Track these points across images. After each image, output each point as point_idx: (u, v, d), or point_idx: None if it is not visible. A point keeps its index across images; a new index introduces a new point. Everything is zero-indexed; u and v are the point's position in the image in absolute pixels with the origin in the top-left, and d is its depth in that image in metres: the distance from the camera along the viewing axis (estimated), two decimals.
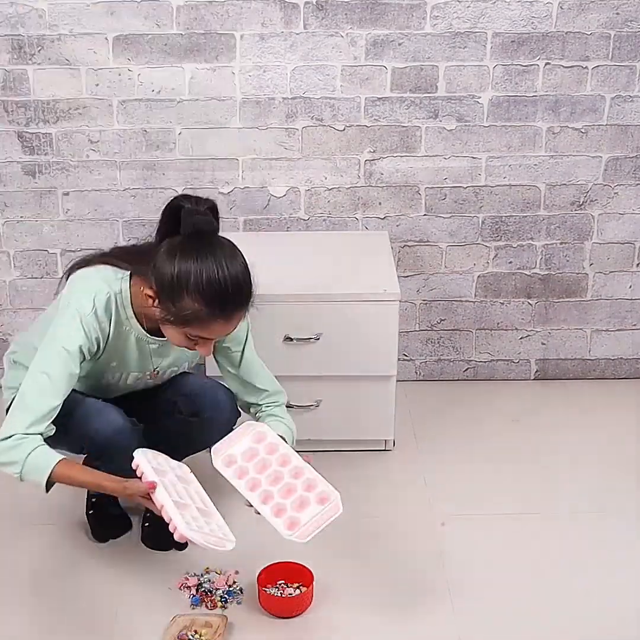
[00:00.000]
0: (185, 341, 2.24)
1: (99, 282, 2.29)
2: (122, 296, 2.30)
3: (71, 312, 2.27)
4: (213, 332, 2.21)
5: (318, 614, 2.36)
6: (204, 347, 2.25)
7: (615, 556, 2.56)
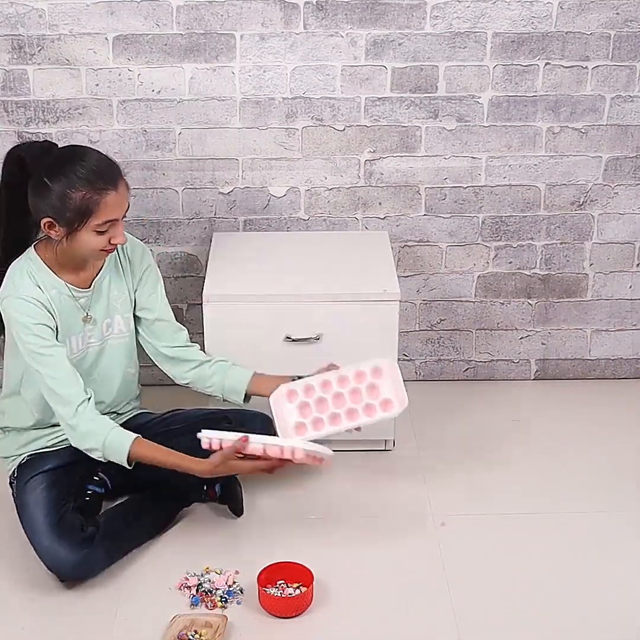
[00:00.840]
0: (100, 239, 2.37)
1: (10, 272, 2.43)
2: (35, 263, 2.44)
3: (5, 307, 2.40)
4: (112, 208, 2.35)
5: (318, 614, 2.36)
6: (117, 236, 2.39)
7: (616, 556, 2.56)
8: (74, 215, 2.33)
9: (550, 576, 2.49)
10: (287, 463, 2.38)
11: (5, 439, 2.63)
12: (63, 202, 2.32)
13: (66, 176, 2.32)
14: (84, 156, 2.37)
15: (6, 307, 2.40)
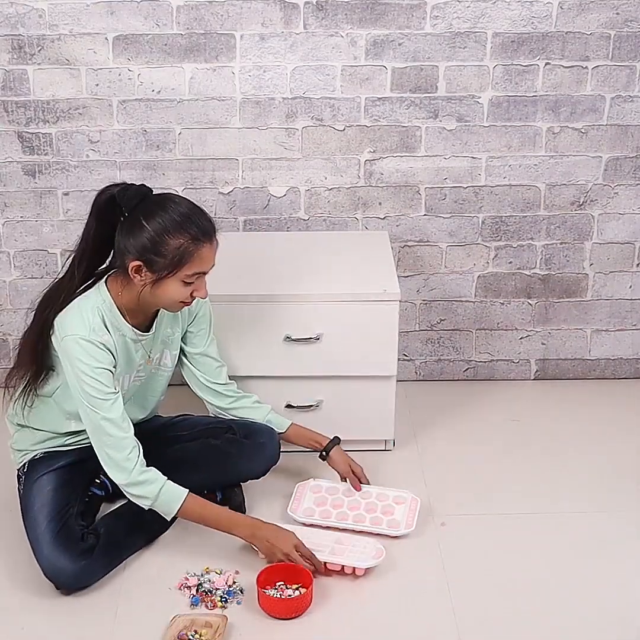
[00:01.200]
0: (184, 290, 2.35)
1: (80, 310, 2.35)
2: (107, 304, 2.38)
3: (71, 348, 2.33)
4: (204, 261, 2.34)
5: (317, 615, 2.36)
6: (201, 289, 2.38)
7: (616, 556, 2.56)
8: (167, 263, 2.29)
9: (550, 576, 2.49)
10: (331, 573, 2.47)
11: (21, 432, 2.60)
12: (157, 246, 2.27)
13: (164, 219, 2.27)
14: (183, 203, 2.33)
15: (72, 346, 2.32)
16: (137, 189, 2.34)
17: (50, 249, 3.21)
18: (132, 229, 2.29)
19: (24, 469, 2.57)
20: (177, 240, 2.28)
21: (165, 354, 2.59)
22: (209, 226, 2.34)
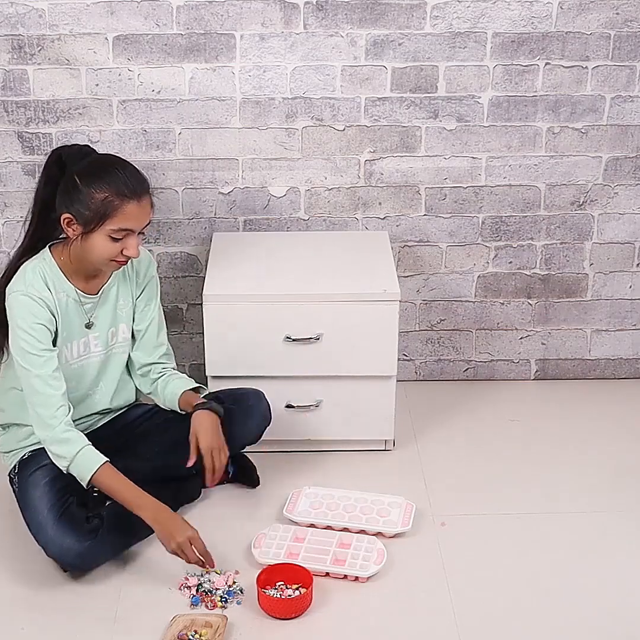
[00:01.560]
0: (112, 246, 2.40)
1: (21, 272, 2.44)
2: (48, 263, 2.46)
3: (10, 303, 2.41)
4: (130, 217, 2.38)
5: (317, 615, 2.36)
6: (131, 248, 2.41)
7: (616, 556, 2.56)
8: (92, 215, 2.36)
9: (550, 576, 2.49)
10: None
11: (5, 434, 2.63)
12: (85, 200, 2.36)
13: (95, 178, 2.36)
14: (118, 165, 2.42)
15: (12, 302, 2.41)
16: (79, 148, 2.47)
17: None
18: (67, 185, 2.39)
19: (15, 470, 2.59)
20: (102, 193, 2.35)
21: (120, 327, 2.61)
22: (138, 184, 2.40)
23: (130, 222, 2.39)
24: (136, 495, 2.42)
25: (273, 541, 2.54)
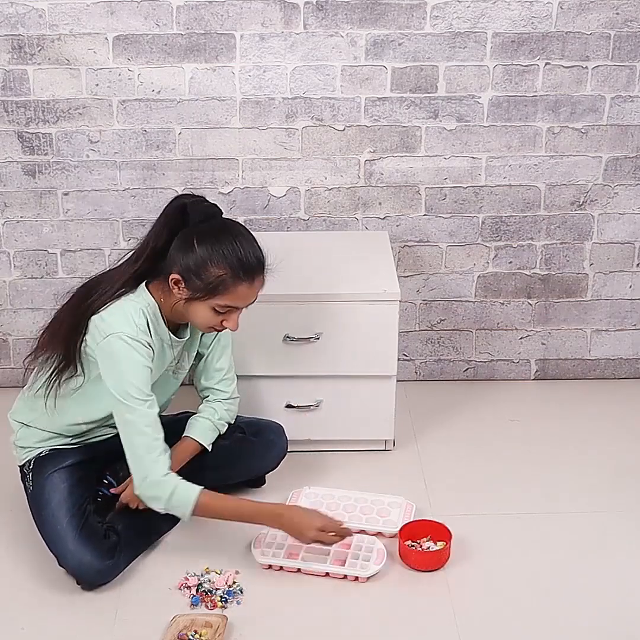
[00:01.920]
0: (214, 317, 2.38)
1: (126, 310, 2.36)
2: (152, 308, 2.41)
3: (117, 346, 2.33)
4: (239, 297, 2.37)
5: (317, 614, 2.36)
6: (231, 321, 2.41)
7: (616, 556, 2.56)
8: (203, 286, 2.32)
9: (550, 576, 2.49)
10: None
11: (25, 430, 2.58)
12: (198, 269, 2.31)
13: (214, 248, 2.31)
14: (239, 237, 2.34)
15: (117, 344, 2.33)
16: (206, 206, 2.38)
17: (50, 249, 3.21)
18: (184, 245, 2.33)
19: (29, 465, 2.56)
20: (217, 270, 2.31)
21: (185, 355, 2.60)
22: (254, 266, 2.35)
23: (238, 302, 2.37)
24: (248, 506, 2.44)
25: (273, 541, 2.54)
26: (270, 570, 2.49)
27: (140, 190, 3.14)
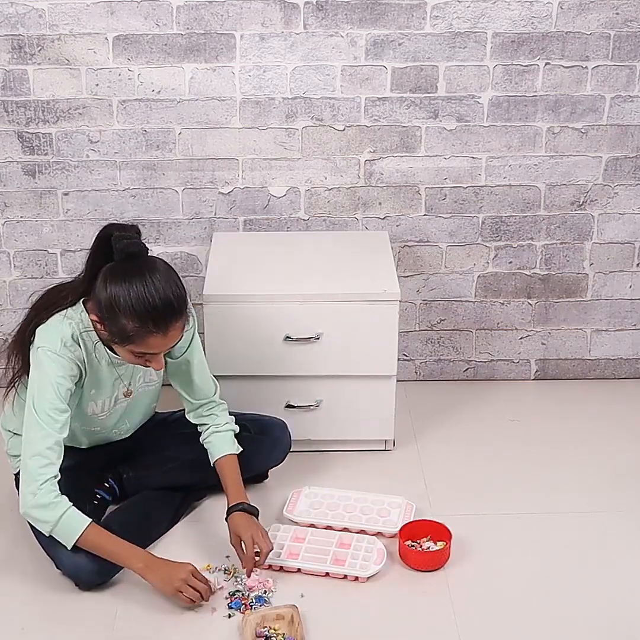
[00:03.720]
0: (135, 359, 2.35)
1: (57, 325, 2.36)
2: (84, 325, 2.39)
3: (41, 359, 2.34)
4: (154, 347, 2.31)
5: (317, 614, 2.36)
6: (155, 362, 2.36)
7: (616, 556, 2.56)
8: (117, 333, 2.28)
9: (550, 576, 2.49)
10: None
11: (15, 438, 2.60)
12: (111, 316, 2.27)
13: (124, 298, 2.24)
14: (153, 284, 2.25)
15: (42, 357, 2.33)
16: (128, 244, 2.29)
17: (50, 249, 3.21)
18: (101, 285, 2.29)
19: None
20: (127, 320, 2.26)
21: (149, 371, 2.56)
22: (167, 316, 2.27)
23: (153, 349, 2.31)
24: (124, 548, 2.37)
25: (273, 541, 2.54)
26: (270, 570, 2.49)
27: (140, 190, 3.14)
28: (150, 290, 2.25)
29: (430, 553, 2.50)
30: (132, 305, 2.24)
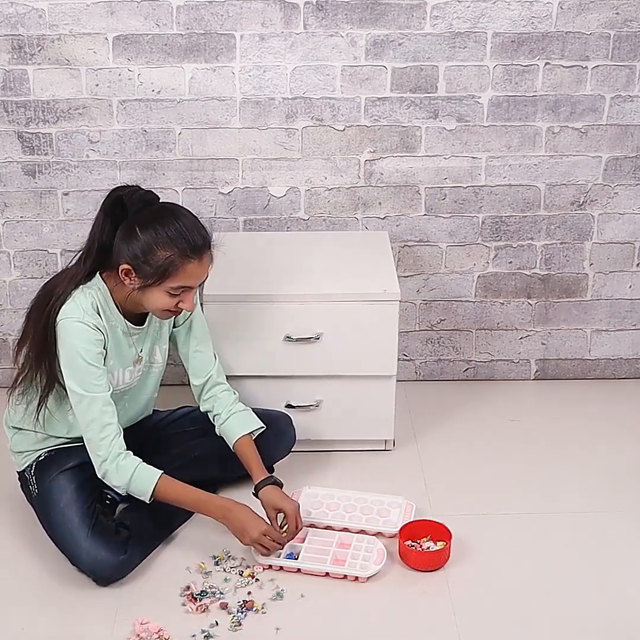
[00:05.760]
0: (169, 300, 2.39)
1: (77, 296, 2.39)
2: (102, 292, 2.43)
3: (67, 329, 2.37)
4: (190, 276, 2.38)
5: (316, 614, 2.36)
6: (187, 301, 2.42)
7: (616, 556, 2.56)
8: (153, 272, 2.34)
9: (550, 576, 2.49)
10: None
11: (18, 435, 2.60)
12: (146, 256, 2.33)
13: (157, 232, 2.33)
14: (180, 218, 2.37)
15: (67, 327, 2.37)
16: (142, 194, 2.39)
17: (50, 249, 3.21)
18: (127, 234, 2.35)
19: (30, 470, 2.57)
20: (164, 252, 2.33)
21: (155, 349, 2.61)
22: (200, 243, 2.37)
23: (190, 281, 2.39)
24: (201, 498, 2.46)
25: None
26: (270, 570, 2.49)
27: None
28: (183, 223, 2.36)
29: (430, 553, 2.50)
30: (169, 236, 2.33)
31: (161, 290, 2.37)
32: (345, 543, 2.54)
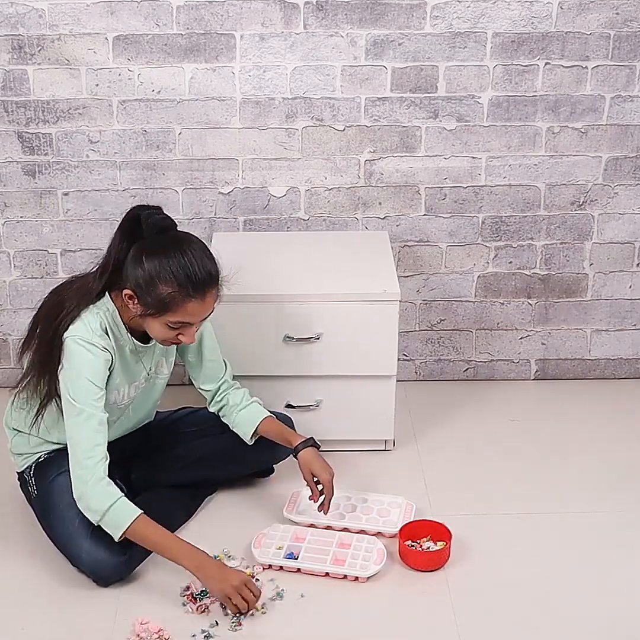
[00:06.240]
0: (169, 332, 2.36)
1: (86, 316, 2.38)
2: (111, 313, 2.41)
3: (73, 348, 2.35)
4: (191, 314, 2.34)
5: (316, 614, 2.36)
6: (187, 335, 2.39)
7: (617, 555, 2.56)
8: (153, 303, 2.31)
9: (550, 576, 2.49)
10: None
11: (18, 437, 2.60)
12: (148, 287, 2.30)
13: (162, 264, 2.29)
14: (188, 252, 2.32)
15: (73, 347, 2.35)
16: (159, 220, 2.34)
17: (50, 249, 3.21)
18: (135, 260, 2.32)
19: (30, 471, 2.57)
20: (166, 287, 2.29)
21: (162, 362, 2.60)
22: (204, 281, 2.33)
23: (190, 318, 2.35)
24: (174, 545, 2.36)
25: (273, 541, 2.54)
26: (270, 570, 2.49)
27: (140, 190, 3.14)
28: (190, 258, 2.31)
29: (430, 553, 2.50)
30: (172, 272, 2.29)
31: (161, 322, 2.35)
32: (345, 543, 2.54)
